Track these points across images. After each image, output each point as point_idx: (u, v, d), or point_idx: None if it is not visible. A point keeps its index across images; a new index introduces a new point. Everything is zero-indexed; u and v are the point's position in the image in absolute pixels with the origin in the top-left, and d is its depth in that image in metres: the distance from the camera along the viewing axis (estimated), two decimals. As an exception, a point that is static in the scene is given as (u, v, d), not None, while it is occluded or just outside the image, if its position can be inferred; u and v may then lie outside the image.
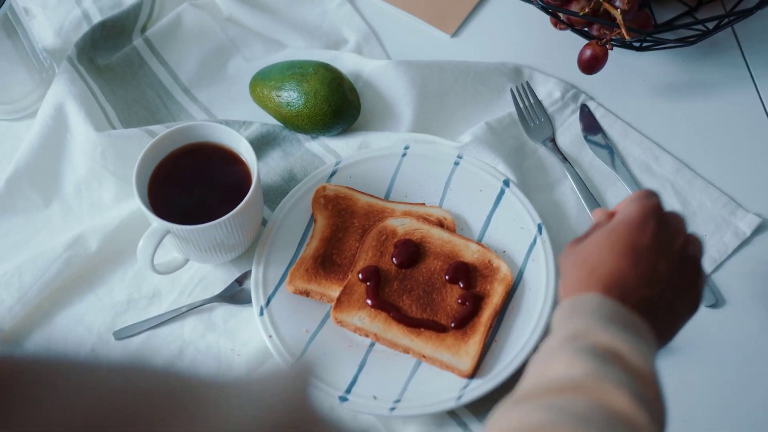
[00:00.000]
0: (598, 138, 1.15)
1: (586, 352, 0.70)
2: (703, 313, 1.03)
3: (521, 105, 1.18)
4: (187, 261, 1.06)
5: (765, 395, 1.00)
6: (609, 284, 0.77)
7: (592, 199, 1.10)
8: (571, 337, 0.72)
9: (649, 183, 1.11)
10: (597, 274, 0.78)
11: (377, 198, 1.10)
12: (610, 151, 1.13)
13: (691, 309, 0.81)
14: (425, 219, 1.07)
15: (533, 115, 1.17)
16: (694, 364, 1.01)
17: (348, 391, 0.97)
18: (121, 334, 1.04)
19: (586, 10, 1.10)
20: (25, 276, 1.05)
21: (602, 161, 1.13)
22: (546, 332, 1.00)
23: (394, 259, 1.03)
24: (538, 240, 1.05)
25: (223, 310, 1.06)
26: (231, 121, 1.17)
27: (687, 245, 0.81)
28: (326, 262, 1.05)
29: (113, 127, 1.17)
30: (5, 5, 1.09)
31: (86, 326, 1.05)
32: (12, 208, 1.12)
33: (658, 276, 0.78)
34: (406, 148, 1.12)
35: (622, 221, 0.81)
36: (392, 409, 0.96)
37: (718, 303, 1.04)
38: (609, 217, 0.84)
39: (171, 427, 0.35)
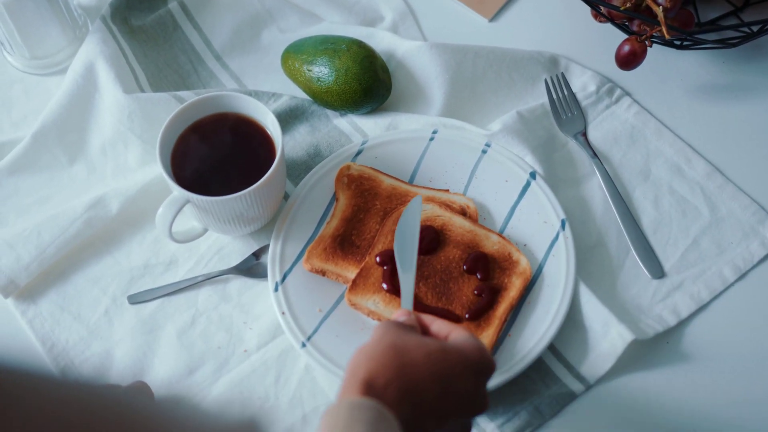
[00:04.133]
0: None
1: None
2: (721, 323, 1.02)
3: (555, 96, 1.16)
4: (205, 231, 1.05)
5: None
6: (404, 395, 0.77)
7: (620, 197, 1.08)
8: None
9: (679, 185, 1.09)
10: (395, 385, 0.77)
11: (401, 181, 1.09)
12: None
13: None
14: (448, 206, 1.06)
15: (566, 108, 1.15)
16: (708, 374, 0.99)
17: (357, 374, 0.97)
18: (136, 299, 1.04)
19: (628, 5, 1.08)
20: (43, 234, 1.05)
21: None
22: (559, 330, 1.00)
23: (413, 244, 1.02)
24: (561, 236, 1.04)
25: (239, 282, 1.05)
26: (260, 92, 1.16)
27: (474, 416, 0.83)
28: (345, 242, 1.04)
29: (142, 90, 1.17)
30: (42, -40, 1.09)
31: (101, 288, 1.05)
32: (36, 165, 1.12)
33: (444, 417, 0.79)
34: (435, 132, 1.11)
35: (460, 350, 0.81)
36: (400, 396, 0.95)
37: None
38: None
39: None
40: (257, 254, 1.06)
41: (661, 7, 1.04)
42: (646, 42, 1.09)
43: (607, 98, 1.16)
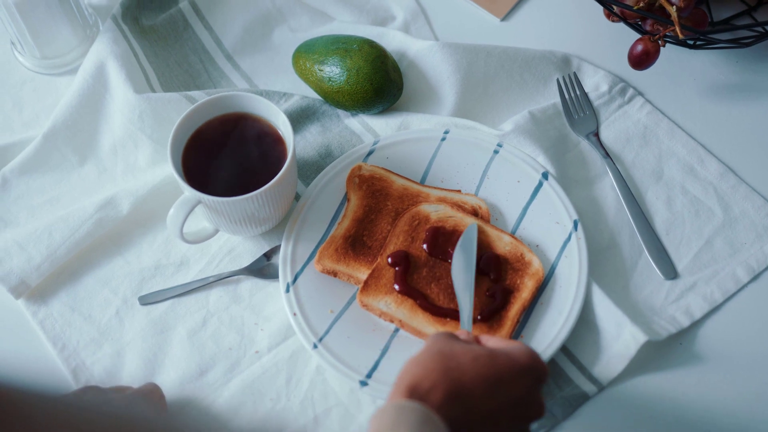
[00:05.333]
0: None
1: None
2: (735, 324, 1.01)
3: (567, 96, 1.15)
4: (217, 231, 1.05)
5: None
6: (450, 397, 0.77)
7: (632, 198, 1.07)
8: None
9: (692, 185, 1.09)
10: (441, 388, 0.77)
11: (413, 181, 1.08)
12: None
13: None
14: (460, 207, 1.05)
15: (578, 108, 1.15)
16: (723, 375, 0.99)
17: (369, 375, 0.96)
18: (147, 300, 1.04)
19: (641, 5, 1.07)
20: (54, 234, 1.05)
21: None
22: (572, 331, 0.99)
23: (424, 245, 1.02)
24: (573, 236, 1.03)
25: (250, 283, 1.05)
26: (271, 92, 1.16)
27: (531, 422, 0.82)
28: (356, 243, 1.03)
29: (153, 90, 1.16)
30: (53, -40, 1.09)
31: (112, 289, 1.05)
32: (47, 165, 1.12)
33: (495, 422, 0.79)
34: (446, 132, 1.10)
35: (509, 354, 0.81)
36: (412, 397, 0.95)
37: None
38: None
39: None
40: (268, 255, 1.06)
41: (674, 6, 1.04)
42: (659, 41, 1.08)
43: (620, 98, 1.16)
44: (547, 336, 0.98)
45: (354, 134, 1.13)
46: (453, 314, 0.98)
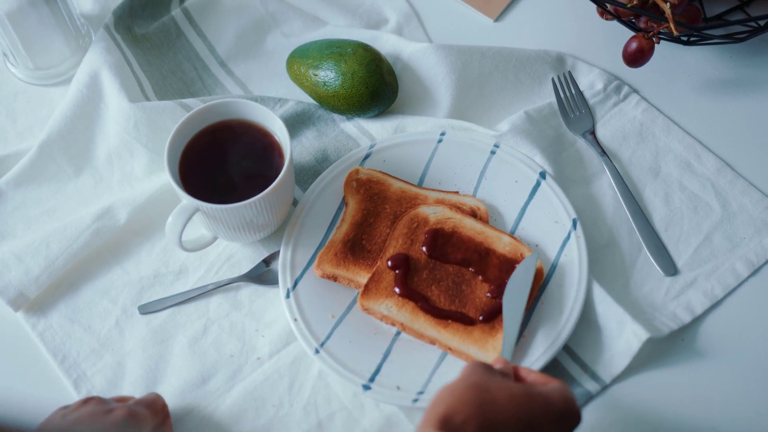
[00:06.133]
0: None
1: None
2: (736, 319, 1.01)
3: (562, 95, 1.15)
4: (215, 239, 1.04)
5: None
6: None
7: (630, 195, 1.07)
8: None
9: (689, 181, 1.09)
10: (475, 423, 0.77)
11: (410, 184, 1.08)
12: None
13: None
14: (458, 208, 1.05)
15: (574, 106, 1.15)
16: (725, 370, 0.99)
17: (371, 379, 0.96)
18: (146, 309, 1.04)
19: (635, 2, 1.07)
20: (52, 245, 1.05)
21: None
22: (573, 331, 0.99)
23: (424, 247, 1.02)
24: (572, 235, 1.03)
25: (250, 289, 1.05)
26: (266, 97, 1.15)
27: None
28: (356, 247, 1.03)
29: (147, 99, 1.16)
30: (44, -30, 1.09)
31: (111, 299, 1.05)
32: (42, 176, 1.12)
33: None
34: (443, 134, 1.10)
35: (546, 397, 0.80)
36: (415, 400, 0.95)
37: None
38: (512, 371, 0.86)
39: None
40: (267, 261, 1.05)
41: (668, 3, 1.04)
42: (654, 38, 1.08)
43: (615, 96, 1.16)
44: (549, 335, 0.98)
45: (350, 138, 1.13)
46: (454, 316, 0.98)
